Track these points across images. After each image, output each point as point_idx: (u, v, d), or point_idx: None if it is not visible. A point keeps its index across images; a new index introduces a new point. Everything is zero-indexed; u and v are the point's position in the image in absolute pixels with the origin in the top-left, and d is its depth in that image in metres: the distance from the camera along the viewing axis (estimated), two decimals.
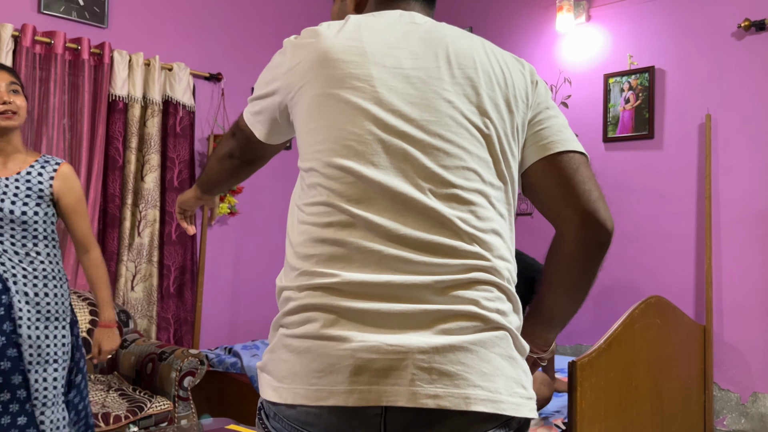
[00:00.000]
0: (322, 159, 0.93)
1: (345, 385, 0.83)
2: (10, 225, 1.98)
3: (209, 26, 4.15)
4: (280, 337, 0.94)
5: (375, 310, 0.86)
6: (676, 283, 3.10)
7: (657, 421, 2.47)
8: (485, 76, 0.98)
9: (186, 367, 3.04)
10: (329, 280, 0.88)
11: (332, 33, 0.98)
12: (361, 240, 0.89)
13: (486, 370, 0.86)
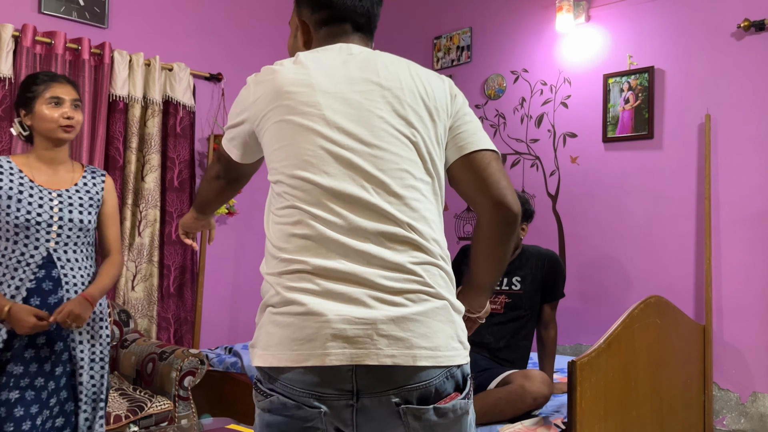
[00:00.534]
0: (285, 172, 1.17)
1: (322, 349, 1.07)
2: (76, 233, 2.11)
3: (209, 26, 4.16)
4: (267, 315, 1.15)
5: (343, 291, 1.09)
6: (676, 283, 3.10)
7: (656, 420, 2.47)
8: (410, 93, 1.22)
9: (186, 366, 3.04)
10: (302, 266, 1.11)
11: (285, 70, 1.22)
12: (322, 233, 1.12)
13: (428, 334, 1.11)
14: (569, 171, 3.53)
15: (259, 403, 1.17)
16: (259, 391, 1.16)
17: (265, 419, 1.15)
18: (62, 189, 2.11)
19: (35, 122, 2.07)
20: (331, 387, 1.09)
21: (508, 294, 2.60)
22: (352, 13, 1.34)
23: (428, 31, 4.22)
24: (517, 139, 3.74)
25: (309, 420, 1.10)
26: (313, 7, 1.34)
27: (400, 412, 1.10)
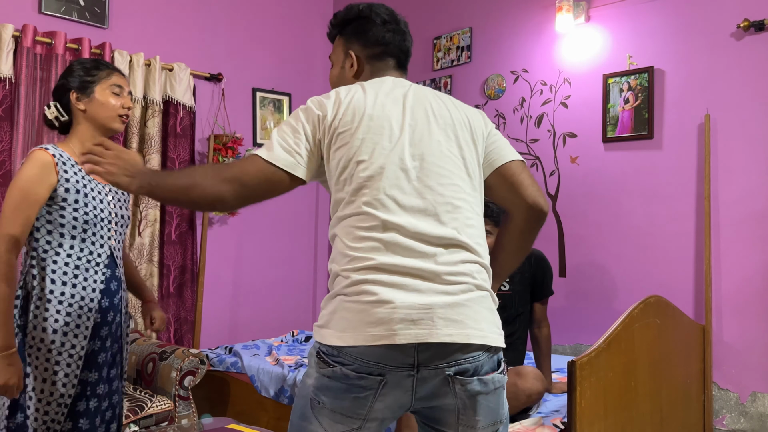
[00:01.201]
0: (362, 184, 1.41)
1: (391, 331, 1.29)
2: (124, 231, 2.07)
3: (209, 27, 4.16)
4: (339, 302, 1.36)
5: (408, 283, 1.32)
6: (676, 283, 3.10)
7: (656, 420, 2.48)
8: (458, 123, 1.48)
9: (186, 366, 3.05)
10: (371, 263, 1.34)
11: (358, 94, 1.44)
12: (391, 236, 1.35)
13: (477, 318, 1.35)
14: (569, 171, 3.53)
15: (321, 369, 1.37)
16: (323, 361, 1.37)
17: (323, 382, 1.37)
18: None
19: (92, 107, 1.94)
20: (397, 361, 1.31)
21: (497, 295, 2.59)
22: (398, 51, 1.59)
23: (428, 31, 4.22)
24: (517, 139, 3.74)
25: (367, 387, 1.33)
26: (365, 43, 1.57)
27: (449, 380, 1.33)
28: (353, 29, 1.59)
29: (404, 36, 1.60)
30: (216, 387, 3.48)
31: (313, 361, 1.40)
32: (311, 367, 1.41)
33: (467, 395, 1.35)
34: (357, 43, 1.58)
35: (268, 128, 4.46)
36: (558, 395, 2.60)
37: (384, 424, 1.41)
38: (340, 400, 1.35)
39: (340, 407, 1.35)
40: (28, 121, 3.34)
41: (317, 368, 1.38)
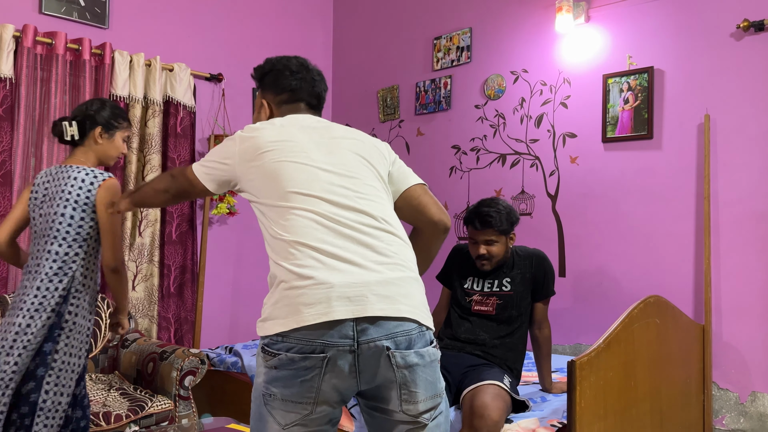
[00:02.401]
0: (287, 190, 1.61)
1: (330, 308, 1.43)
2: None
3: (210, 27, 4.16)
4: (279, 291, 1.49)
5: (341, 267, 1.48)
6: (675, 283, 3.11)
7: (656, 420, 2.48)
8: (366, 143, 1.72)
9: (187, 366, 3.05)
10: (308, 250, 1.52)
11: (267, 128, 1.67)
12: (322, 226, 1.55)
13: (408, 294, 1.51)
14: (569, 171, 3.53)
15: (267, 363, 1.47)
16: (267, 353, 1.47)
17: (271, 374, 1.47)
18: None
19: (107, 145, 2.39)
20: (337, 336, 1.43)
21: (499, 295, 2.60)
22: (307, 95, 1.82)
23: (428, 32, 4.22)
24: (517, 139, 3.75)
25: (312, 368, 1.43)
26: (276, 92, 1.82)
27: (389, 355, 1.45)
28: (267, 80, 1.85)
29: (314, 83, 1.84)
30: (216, 387, 3.48)
31: (260, 359, 1.50)
32: (259, 366, 1.51)
33: (406, 367, 1.47)
34: (270, 92, 1.83)
35: None
36: (558, 395, 2.60)
37: (335, 408, 1.51)
38: (289, 387, 1.45)
39: (290, 394, 1.45)
40: (28, 122, 3.34)
41: (264, 363, 1.49)
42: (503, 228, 2.55)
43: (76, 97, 3.49)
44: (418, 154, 4.25)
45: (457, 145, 4.04)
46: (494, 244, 2.57)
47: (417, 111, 4.27)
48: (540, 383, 2.70)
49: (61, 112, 3.44)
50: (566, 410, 2.13)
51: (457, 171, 4.04)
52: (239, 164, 1.63)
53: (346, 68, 4.78)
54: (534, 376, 2.86)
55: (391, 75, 4.44)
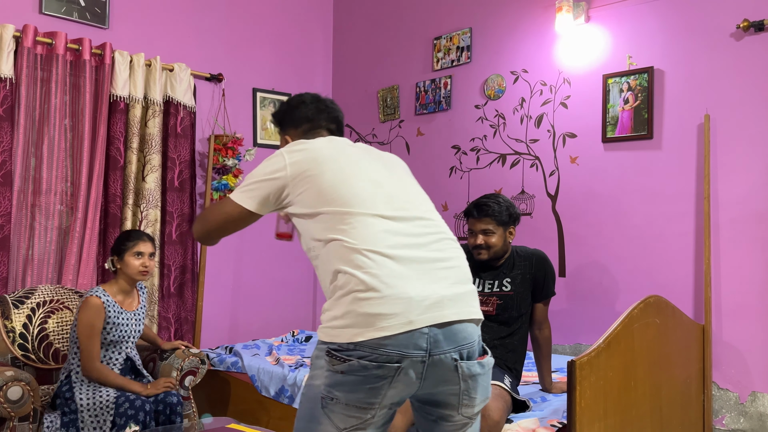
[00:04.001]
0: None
1: (408, 319, 1.46)
2: (138, 338, 2.96)
3: (210, 27, 4.16)
4: (352, 300, 1.48)
5: (419, 277, 1.52)
6: (675, 283, 3.11)
7: (656, 420, 2.48)
8: (404, 167, 1.85)
9: (187, 366, 3.05)
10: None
11: (314, 144, 1.73)
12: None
13: (475, 302, 1.61)
14: (569, 171, 3.53)
15: (334, 367, 1.47)
16: (335, 358, 1.47)
17: (336, 378, 1.47)
18: (134, 309, 2.93)
19: (123, 266, 2.86)
20: (413, 347, 1.46)
21: (499, 295, 2.59)
22: (326, 122, 1.89)
23: (428, 32, 4.23)
24: (517, 140, 3.75)
25: (384, 376, 1.45)
26: (295, 125, 1.89)
27: (457, 366, 1.51)
28: (286, 119, 1.92)
29: (329, 109, 1.91)
30: (216, 387, 3.48)
31: (323, 362, 1.50)
32: (319, 368, 1.51)
33: (470, 376, 1.54)
34: (290, 129, 1.90)
35: (268, 128, 4.46)
36: (558, 395, 2.60)
37: (392, 410, 1.55)
38: (355, 393, 1.47)
39: (355, 399, 1.47)
40: (28, 122, 3.34)
41: (329, 366, 1.48)
42: (502, 219, 2.54)
43: (77, 97, 3.49)
44: (418, 154, 4.25)
45: (457, 145, 4.04)
46: (492, 234, 2.55)
47: (417, 111, 4.27)
48: (540, 383, 2.70)
49: (62, 113, 3.44)
50: (566, 410, 2.13)
51: (457, 171, 4.04)
52: (291, 176, 1.65)
53: (346, 68, 4.78)
54: (534, 376, 2.86)
55: (391, 75, 4.44)
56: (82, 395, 2.67)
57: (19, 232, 3.32)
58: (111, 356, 2.81)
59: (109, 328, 2.78)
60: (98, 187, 3.50)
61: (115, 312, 2.81)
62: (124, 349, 2.86)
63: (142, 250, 2.87)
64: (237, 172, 4.08)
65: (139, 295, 3.00)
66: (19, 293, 3.06)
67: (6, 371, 2.57)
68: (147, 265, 2.88)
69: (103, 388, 2.70)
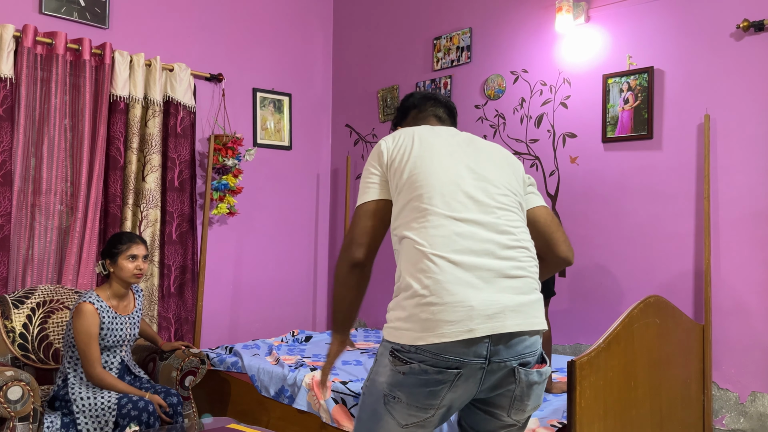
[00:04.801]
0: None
1: (470, 327, 1.47)
2: (131, 346, 2.92)
3: (210, 27, 4.16)
4: (416, 304, 1.50)
5: (484, 286, 1.52)
6: (675, 283, 3.11)
7: (656, 420, 2.48)
8: (505, 161, 1.79)
9: (187, 366, 3.05)
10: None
11: (422, 129, 1.77)
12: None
13: (538, 314, 1.59)
14: (569, 171, 3.53)
15: (397, 367, 1.52)
16: (398, 359, 1.52)
17: (398, 378, 1.52)
18: (129, 313, 2.89)
19: (116, 269, 2.82)
20: (472, 354, 1.48)
21: None
22: (433, 107, 1.94)
23: (428, 32, 4.23)
24: (517, 139, 3.75)
25: (443, 381, 1.49)
26: (405, 115, 1.94)
27: (515, 371, 1.54)
28: (399, 114, 1.99)
29: (437, 98, 1.95)
30: (216, 387, 3.48)
31: (386, 360, 1.55)
32: (383, 366, 1.56)
33: (527, 384, 1.57)
34: (402, 121, 1.97)
35: (268, 128, 4.46)
36: (558, 395, 2.60)
37: (451, 411, 1.59)
38: (415, 395, 1.51)
39: (415, 400, 1.52)
40: (28, 122, 3.34)
41: (392, 366, 1.53)
42: None
43: (77, 97, 3.49)
44: None
45: None
46: None
47: None
48: None
49: (61, 112, 3.44)
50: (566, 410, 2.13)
51: None
52: (387, 164, 1.68)
53: (346, 68, 4.78)
54: None
55: (391, 75, 4.44)
56: (82, 397, 2.67)
57: (19, 232, 3.32)
58: (107, 359, 2.81)
59: (103, 334, 2.77)
60: (98, 187, 3.50)
61: (109, 317, 2.79)
62: (119, 353, 2.85)
63: (135, 253, 2.83)
64: (237, 172, 4.09)
65: (135, 298, 2.96)
66: (19, 293, 3.06)
67: (6, 371, 2.57)
68: (141, 268, 2.85)
69: (105, 390, 2.72)
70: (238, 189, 4.10)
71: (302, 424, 2.99)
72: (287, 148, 4.56)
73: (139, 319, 2.96)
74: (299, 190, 4.62)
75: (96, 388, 2.71)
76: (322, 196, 4.78)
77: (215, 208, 4.03)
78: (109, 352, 2.81)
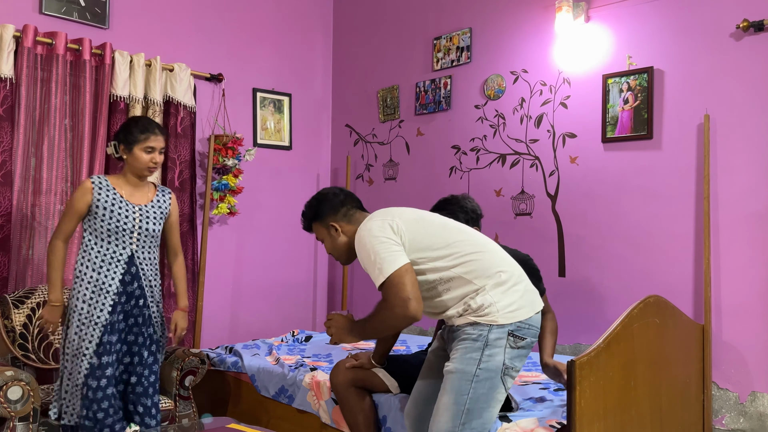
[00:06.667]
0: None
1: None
2: (150, 241, 2.74)
3: (210, 27, 4.17)
4: (504, 289, 2.04)
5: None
6: (675, 283, 3.11)
7: (656, 420, 2.48)
8: None
9: (187, 366, 3.05)
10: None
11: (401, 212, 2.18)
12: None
13: None
14: (569, 171, 3.54)
15: (517, 343, 2.01)
16: (517, 337, 2.01)
17: (517, 352, 2.01)
18: (142, 204, 2.72)
19: (130, 159, 2.67)
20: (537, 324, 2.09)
21: None
22: (352, 199, 2.31)
23: (428, 32, 4.23)
24: (517, 140, 3.75)
25: (529, 346, 2.06)
26: (333, 211, 2.27)
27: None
28: (321, 210, 2.30)
29: (344, 189, 2.36)
30: (216, 387, 3.49)
31: (503, 342, 1.98)
32: (497, 347, 1.98)
33: None
34: (329, 216, 2.29)
35: (268, 128, 4.46)
36: (558, 393, 2.60)
37: None
38: (521, 361, 2.04)
39: (520, 365, 2.04)
40: (28, 122, 3.34)
41: (513, 343, 2.00)
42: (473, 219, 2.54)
43: (77, 97, 3.49)
44: (418, 154, 4.26)
45: (457, 146, 4.04)
46: None
47: (417, 111, 4.27)
48: (540, 358, 2.62)
49: (62, 112, 3.44)
50: (566, 410, 2.14)
51: (457, 171, 4.04)
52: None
53: (346, 68, 4.78)
54: (534, 377, 2.86)
55: (391, 75, 4.44)
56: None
57: (19, 232, 3.32)
58: (113, 249, 2.65)
59: (100, 214, 2.62)
60: None
61: (110, 198, 2.64)
62: (128, 245, 2.67)
63: (153, 146, 2.66)
64: (237, 172, 4.09)
65: (156, 193, 2.80)
66: (19, 293, 3.06)
67: (6, 371, 2.58)
68: (156, 161, 2.69)
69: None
70: (239, 189, 4.10)
71: (302, 424, 2.99)
72: (287, 148, 4.56)
73: (160, 215, 2.77)
74: (299, 190, 4.62)
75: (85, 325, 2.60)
76: None
77: (215, 208, 4.03)
78: (116, 241, 2.65)
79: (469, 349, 1.99)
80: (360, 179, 4.64)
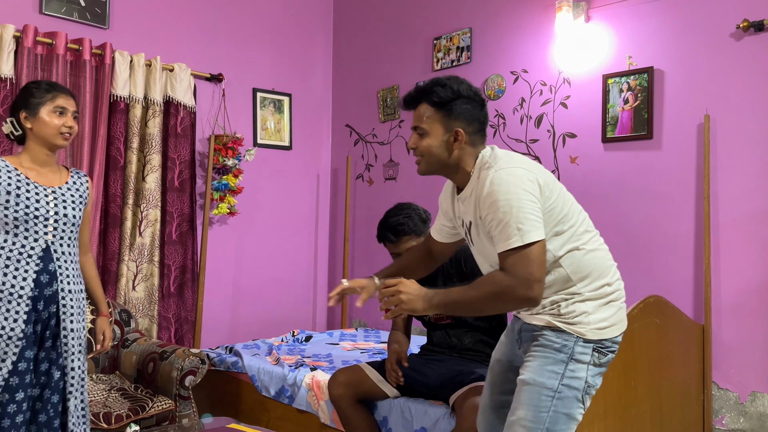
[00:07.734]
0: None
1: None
2: (70, 228, 2.24)
3: (210, 27, 4.17)
4: (610, 305, 1.81)
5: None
6: (675, 283, 3.11)
7: (656, 420, 2.48)
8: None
9: (187, 366, 3.05)
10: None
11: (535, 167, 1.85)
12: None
13: None
14: (569, 171, 3.53)
15: (601, 359, 1.78)
16: (601, 353, 1.77)
17: (600, 370, 1.79)
18: (55, 186, 2.24)
19: (37, 126, 2.18)
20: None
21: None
22: (486, 125, 1.86)
23: (428, 32, 4.23)
24: (517, 140, 3.75)
25: (608, 363, 1.83)
26: (469, 121, 1.79)
27: None
28: (458, 108, 1.83)
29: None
30: (216, 387, 3.49)
31: (587, 357, 1.75)
32: (581, 363, 1.75)
33: None
34: (462, 121, 1.81)
35: (268, 128, 4.46)
36: None
37: None
38: (600, 380, 1.81)
39: (599, 385, 1.82)
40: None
41: (596, 359, 1.77)
42: (419, 231, 2.53)
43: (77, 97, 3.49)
44: None
45: None
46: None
47: None
48: None
49: None
50: None
51: None
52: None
53: (346, 68, 4.78)
54: None
55: (391, 75, 4.44)
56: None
57: None
58: (21, 243, 2.13)
59: (3, 201, 2.11)
60: (98, 187, 3.50)
61: (13, 181, 2.14)
62: (41, 234, 2.17)
63: (64, 105, 2.19)
64: (237, 172, 4.09)
65: (69, 176, 2.32)
66: None
67: None
68: (71, 126, 2.20)
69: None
70: (238, 189, 4.10)
71: (302, 424, 2.99)
72: (287, 148, 4.56)
73: (79, 199, 2.29)
74: (299, 190, 4.62)
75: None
76: (322, 196, 4.78)
77: (215, 208, 4.03)
78: (25, 232, 2.14)
79: (550, 360, 1.74)
80: (360, 179, 4.64)
